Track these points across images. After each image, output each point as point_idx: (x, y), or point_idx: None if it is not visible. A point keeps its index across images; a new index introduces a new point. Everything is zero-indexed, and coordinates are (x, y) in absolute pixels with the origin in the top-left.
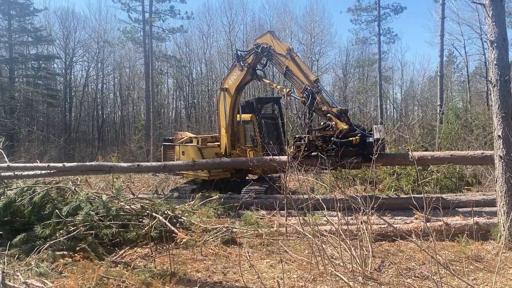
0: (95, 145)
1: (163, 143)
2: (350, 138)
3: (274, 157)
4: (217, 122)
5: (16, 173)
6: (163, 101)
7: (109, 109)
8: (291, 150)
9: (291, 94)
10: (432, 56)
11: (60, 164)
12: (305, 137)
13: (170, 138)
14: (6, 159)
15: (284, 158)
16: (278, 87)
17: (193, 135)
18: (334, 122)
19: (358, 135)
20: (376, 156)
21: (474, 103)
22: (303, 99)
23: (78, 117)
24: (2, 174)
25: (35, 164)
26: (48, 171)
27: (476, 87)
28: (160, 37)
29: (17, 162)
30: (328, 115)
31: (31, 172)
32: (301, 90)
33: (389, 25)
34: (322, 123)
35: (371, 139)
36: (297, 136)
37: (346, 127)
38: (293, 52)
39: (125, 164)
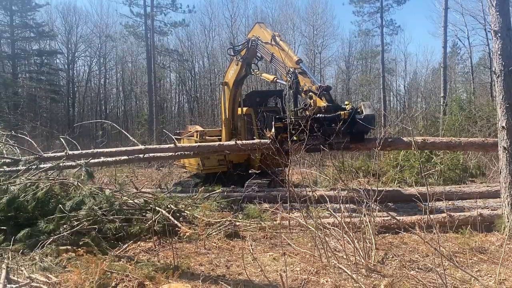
0: (99, 140)
1: (173, 137)
2: (339, 112)
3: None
4: (220, 116)
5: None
6: (166, 96)
7: (112, 104)
8: (271, 133)
9: (277, 80)
10: (436, 47)
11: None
12: (285, 119)
13: (178, 132)
14: None
15: (264, 141)
16: (268, 77)
17: (201, 129)
18: (312, 100)
19: (346, 111)
20: (366, 136)
21: (478, 94)
22: (289, 82)
23: (81, 112)
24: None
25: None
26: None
27: (480, 78)
28: (162, 31)
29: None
30: (310, 93)
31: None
32: (285, 73)
33: (392, 17)
34: (302, 103)
35: (361, 116)
36: (276, 116)
37: (324, 104)
38: (277, 37)
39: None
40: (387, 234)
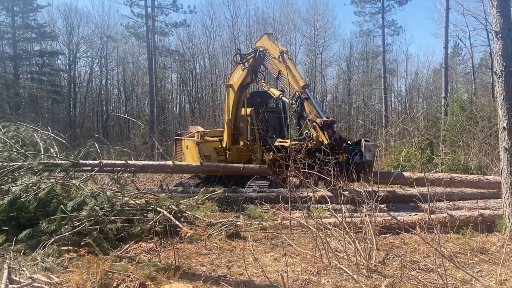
0: (100, 140)
1: (175, 137)
2: (338, 156)
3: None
4: (222, 116)
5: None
6: (167, 96)
7: (113, 105)
8: (270, 157)
9: (282, 97)
10: (437, 48)
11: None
12: (286, 146)
13: (179, 132)
14: None
15: (264, 166)
16: (273, 90)
17: (202, 130)
18: (315, 134)
19: (344, 154)
20: (364, 176)
21: (479, 95)
22: (293, 105)
23: (83, 113)
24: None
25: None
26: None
27: (481, 79)
28: (163, 32)
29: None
30: (314, 124)
31: None
32: (291, 95)
33: (393, 17)
34: (305, 132)
35: (358, 160)
36: (278, 144)
37: (327, 141)
38: (286, 55)
39: None
40: (388, 235)
